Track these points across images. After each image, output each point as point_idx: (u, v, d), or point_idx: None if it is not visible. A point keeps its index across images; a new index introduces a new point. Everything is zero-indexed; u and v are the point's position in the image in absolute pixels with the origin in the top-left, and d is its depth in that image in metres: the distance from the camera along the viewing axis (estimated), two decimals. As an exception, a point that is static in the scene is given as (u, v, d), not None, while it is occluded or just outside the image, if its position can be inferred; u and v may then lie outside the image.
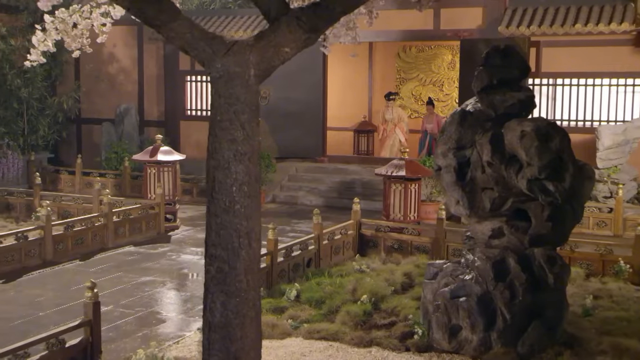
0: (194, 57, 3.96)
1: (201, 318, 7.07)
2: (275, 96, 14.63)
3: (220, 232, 3.91)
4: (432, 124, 15.10)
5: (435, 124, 15.02)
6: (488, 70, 6.23)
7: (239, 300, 3.91)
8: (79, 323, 5.72)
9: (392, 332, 6.54)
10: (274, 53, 3.88)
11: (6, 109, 14.57)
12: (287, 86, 14.43)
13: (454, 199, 6.21)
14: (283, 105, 14.56)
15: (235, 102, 3.84)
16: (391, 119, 15.47)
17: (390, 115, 15.47)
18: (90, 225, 9.75)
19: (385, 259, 9.04)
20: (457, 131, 6.11)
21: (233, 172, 3.86)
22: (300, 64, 15.02)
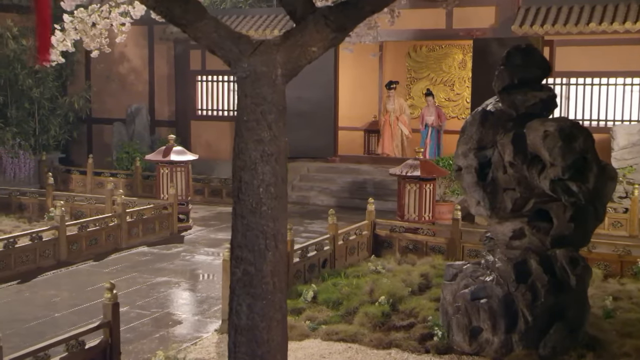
0: (220, 57, 3.92)
1: (218, 319, 7.12)
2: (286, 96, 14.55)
3: (247, 234, 3.86)
4: (432, 116, 14.75)
5: (436, 116, 14.74)
6: (509, 69, 6.17)
7: (266, 302, 3.87)
8: (98, 324, 5.68)
9: (411, 334, 6.50)
10: (300, 53, 3.83)
11: (17, 109, 14.58)
12: (298, 86, 14.22)
13: (475, 200, 6.16)
14: (294, 105, 14.42)
15: (262, 102, 3.80)
16: (393, 109, 15.03)
17: (392, 106, 15.03)
18: (104, 226, 9.73)
19: (401, 260, 8.98)
20: (478, 131, 6.06)
21: (260, 173, 3.81)
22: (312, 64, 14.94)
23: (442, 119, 14.91)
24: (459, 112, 16.68)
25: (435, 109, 14.91)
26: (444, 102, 16.58)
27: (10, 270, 8.44)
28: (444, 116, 15.07)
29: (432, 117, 14.69)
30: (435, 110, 14.87)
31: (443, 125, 14.92)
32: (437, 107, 15.03)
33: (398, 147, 15.08)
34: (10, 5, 14.92)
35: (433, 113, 14.74)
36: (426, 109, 14.97)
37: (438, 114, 14.78)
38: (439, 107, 15.17)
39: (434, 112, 14.78)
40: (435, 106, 14.99)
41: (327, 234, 8.90)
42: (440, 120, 14.86)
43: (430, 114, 14.75)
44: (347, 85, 16.14)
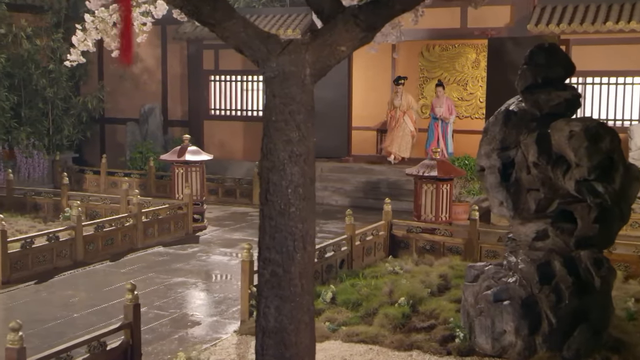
0: (249, 57, 3.88)
1: (236, 320, 7.09)
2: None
3: (275, 235, 3.82)
4: (442, 107, 14.40)
5: (446, 107, 14.40)
6: (532, 69, 6.11)
7: (294, 305, 3.83)
8: (119, 325, 5.66)
9: (432, 336, 6.45)
10: (329, 52, 3.79)
11: (31, 108, 14.60)
12: (311, 85, 14.33)
13: (498, 200, 6.10)
14: (308, 105, 14.46)
15: (291, 102, 3.76)
16: (400, 105, 14.57)
17: (399, 102, 14.58)
18: (119, 226, 9.71)
19: (418, 261, 8.93)
20: (502, 131, 6.00)
21: (288, 173, 3.77)
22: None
23: (451, 111, 14.60)
24: (472, 111, 16.59)
25: (445, 100, 14.59)
26: (457, 101, 16.48)
27: (27, 271, 8.43)
28: (453, 108, 14.75)
29: (442, 109, 14.37)
30: (445, 101, 14.55)
31: (452, 118, 14.61)
32: (447, 99, 14.70)
33: (403, 148, 14.52)
34: (24, 5, 14.95)
35: (443, 104, 14.42)
36: (436, 99, 14.66)
37: (448, 106, 14.46)
38: (449, 99, 14.83)
39: (444, 103, 14.47)
40: (445, 97, 14.68)
41: (343, 234, 8.87)
42: (450, 112, 14.55)
43: (439, 105, 14.44)
44: (359, 85, 16.08)
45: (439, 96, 14.56)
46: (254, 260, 7.03)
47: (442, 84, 14.82)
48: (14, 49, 14.23)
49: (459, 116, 16.30)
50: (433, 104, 14.69)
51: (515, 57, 13.28)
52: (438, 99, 14.59)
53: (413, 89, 16.41)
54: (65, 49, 14.80)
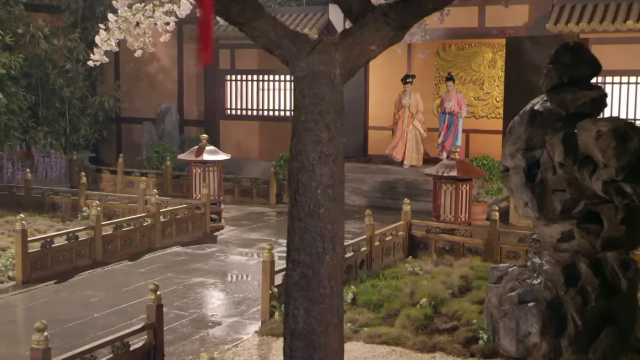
0: (278, 56, 3.84)
1: (257, 321, 7.06)
2: (316, 95, 14.50)
3: (304, 237, 3.78)
4: (452, 102, 13.99)
5: (455, 101, 14.00)
6: (557, 68, 6.04)
7: (323, 306, 3.79)
8: (142, 326, 5.65)
9: (455, 337, 6.40)
10: (359, 51, 3.75)
11: (48, 108, 14.65)
12: (328, 85, 14.30)
13: (522, 201, 6.03)
14: (324, 105, 14.43)
15: (320, 102, 3.72)
16: (408, 104, 14.00)
17: (408, 101, 14.02)
18: (138, 226, 9.71)
19: (437, 261, 8.88)
20: (527, 131, 5.93)
21: (318, 174, 3.73)
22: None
23: (461, 106, 14.19)
24: (488, 111, 16.49)
25: (455, 94, 14.19)
26: (473, 101, 16.39)
27: (47, 270, 8.44)
28: (464, 103, 14.33)
29: (451, 103, 13.98)
30: (455, 95, 14.15)
31: (462, 113, 14.23)
32: (456, 93, 14.29)
33: (414, 155, 13.94)
34: (42, 5, 15.00)
35: (452, 98, 14.04)
36: (445, 94, 14.27)
37: (458, 100, 14.05)
38: (459, 94, 14.42)
39: (454, 97, 14.08)
40: (455, 91, 14.28)
41: (361, 235, 8.83)
42: (460, 107, 14.15)
43: (449, 99, 14.06)
44: (375, 84, 16.03)
45: (449, 90, 14.22)
46: (274, 261, 7.04)
47: (452, 78, 14.51)
48: (31, 49, 14.27)
49: (475, 116, 16.21)
50: (442, 99, 14.39)
51: (533, 56, 13.21)
52: (447, 93, 14.25)
53: (429, 88, 16.33)
54: (82, 48, 14.89)
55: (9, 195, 12.16)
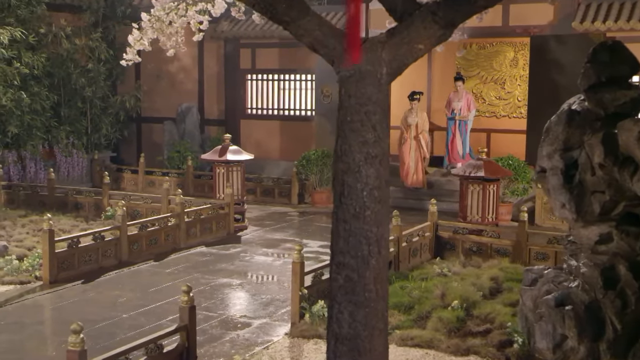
0: (323, 55, 3.78)
1: (286, 322, 7.00)
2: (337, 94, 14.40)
3: (349, 239, 3.71)
4: (461, 102, 13.34)
5: (465, 102, 13.37)
6: (595, 67, 5.92)
7: (368, 310, 3.72)
8: (175, 328, 5.61)
9: (489, 340, 6.32)
10: (407, 50, 3.67)
11: (70, 108, 14.67)
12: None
13: (560, 203, 5.92)
14: (346, 104, 14.35)
15: (367, 102, 3.65)
16: (414, 122, 13.16)
17: (414, 119, 13.18)
18: (163, 226, 9.68)
19: (465, 262, 8.80)
20: (565, 131, 5.82)
21: (364, 176, 3.66)
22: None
23: (470, 107, 13.54)
24: (509, 110, 16.34)
25: (465, 95, 13.58)
26: (494, 100, 16.26)
27: (74, 270, 8.43)
28: (473, 105, 13.68)
29: (460, 103, 13.35)
30: (465, 96, 13.52)
31: (471, 115, 13.58)
32: (466, 94, 13.67)
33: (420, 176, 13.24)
34: (63, 5, 15.02)
35: (462, 99, 13.41)
36: (454, 94, 13.54)
37: (467, 102, 13.42)
38: (469, 95, 13.83)
39: (463, 97, 13.45)
40: (464, 92, 13.67)
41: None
42: (469, 108, 13.51)
43: (458, 100, 13.41)
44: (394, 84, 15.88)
45: (458, 90, 13.57)
46: (304, 262, 6.98)
47: (462, 78, 13.94)
48: (53, 49, 14.30)
49: (496, 115, 16.08)
50: (450, 99, 13.64)
51: (558, 55, 13.08)
52: (456, 93, 13.58)
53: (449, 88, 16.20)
54: (104, 48, 14.90)
55: (32, 195, 12.18)
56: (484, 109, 15.84)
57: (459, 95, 13.57)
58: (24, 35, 13.00)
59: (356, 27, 2.97)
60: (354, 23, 2.97)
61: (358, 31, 3.00)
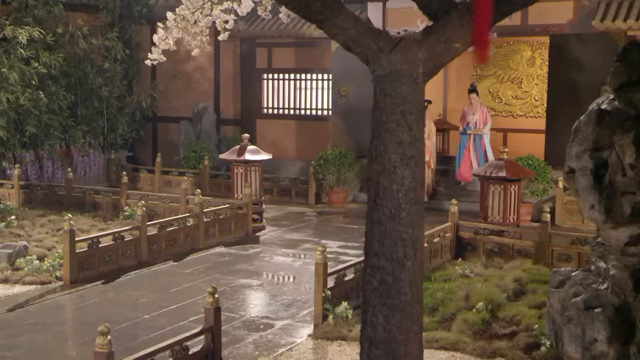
0: (358, 54, 3.72)
1: (309, 324, 6.95)
2: (354, 94, 14.37)
3: (384, 241, 3.65)
4: (475, 116, 12.63)
5: (480, 115, 12.67)
6: (625, 66, 5.78)
7: (404, 314, 3.66)
8: (201, 329, 5.57)
9: (515, 343, 6.24)
10: (443, 49, 3.61)
11: (87, 107, 14.67)
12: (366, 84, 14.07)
13: (589, 204, 5.81)
14: (362, 104, 14.19)
15: (403, 102, 3.58)
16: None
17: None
18: (182, 226, 9.65)
19: (487, 263, 8.71)
20: (595, 131, 5.71)
21: (399, 177, 3.60)
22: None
23: (486, 120, 12.79)
24: (526, 110, 16.24)
25: (480, 107, 12.84)
26: (511, 99, 16.17)
27: (94, 270, 8.41)
28: (488, 117, 12.92)
29: (476, 117, 12.64)
30: (480, 109, 12.79)
31: (487, 129, 12.81)
32: (481, 106, 12.94)
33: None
34: (79, 5, 15.02)
35: (477, 112, 12.70)
36: (468, 107, 12.80)
37: (483, 114, 12.70)
38: (484, 107, 13.10)
39: (478, 110, 12.73)
40: (479, 105, 12.94)
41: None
42: (485, 121, 12.76)
43: (473, 113, 12.69)
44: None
45: (472, 103, 12.80)
46: (327, 263, 6.92)
47: (476, 90, 13.16)
48: (69, 48, 14.30)
49: (513, 115, 15.98)
50: (465, 113, 12.87)
51: (579, 54, 12.95)
52: (471, 106, 12.79)
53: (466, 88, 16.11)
54: (120, 47, 14.90)
55: (50, 195, 12.18)
56: (501, 108, 15.74)
57: (473, 108, 12.82)
58: (42, 35, 13.01)
59: (486, 27, 2.86)
60: (483, 23, 2.87)
61: (487, 31, 2.89)
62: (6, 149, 12.87)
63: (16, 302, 7.52)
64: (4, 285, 8.03)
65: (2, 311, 7.24)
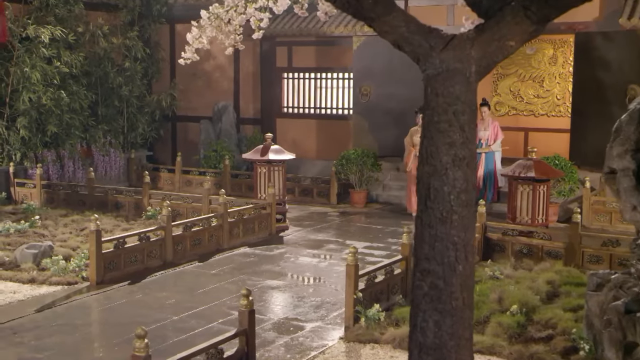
0: (408, 53, 3.62)
1: (339, 326, 6.85)
2: (375, 93, 14.28)
3: (435, 245, 3.56)
4: (487, 131, 11.95)
5: (492, 131, 11.97)
6: (668, 64, 5.69)
7: (455, 319, 3.56)
8: (235, 332, 5.48)
9: (552, 347, 6.12)
10: (497, 47, 3.50)
11: (107, 106, 14.66)
12: (387, 83, 14.08)
13: (631, 205, 5.71)
14: (384, 103, 14.19)
15: (455, 101, 3.48)
16: None
17: None
18: (206, 226, 9.58)
19: (516, 265, 8.59)
20: (637, 131, 5.61)
21: (451, 179, 3.50)
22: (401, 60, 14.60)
23: (497, 136, 12.07)
24: (548, 109, 16.06)
25: (491, 122, 12.17)
26: (532, 99, 15.99)
27: (119, 271, 8.36)
28: (500, 133, 12.18)
29: (487, 132, 11.98)
30: (492, 124, 12.09)
31: (497, 145, 12.09)
32: (492, 121, 12.26)
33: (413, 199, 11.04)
34: (100, 4, 15.01)
35: (488, 127, 12.01)
36: (480, 122, 11.73)
37: (495, 130, 12.03)
38: (496, 122, 12.42)
39: (490, 125, 12.04)
40: (491, 120, 12.27)
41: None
42: (496, 137, 12.05)
43: (484, 128, 11.93)
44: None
45: (484, 118, 12.04)
46: (358, 265, 6.82)
47: (488, 103, 12.42)
48: (90, 47, 14.29)
49: (534, 114, 15.82)
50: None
51: (604, 52, 12.79)
52: (482, 121, 11.93)
53: (486, 86, 15.93)
54: (140, 46, 14.86)
55: (72, 194, 12.15)
56: (522, 107, 15.58)
57: (484, 124, 12.05)
58: (64, 34, 12.99)
59: None
60: None
61: None
62: (28, 148, 12.86)
63: (43, 302, 7.47)
64: (30, 285, 7.98)
65: (31, 312, 7.19)
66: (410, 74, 14.20)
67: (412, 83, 14.15)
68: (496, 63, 3.61)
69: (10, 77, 12.50)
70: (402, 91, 14.03)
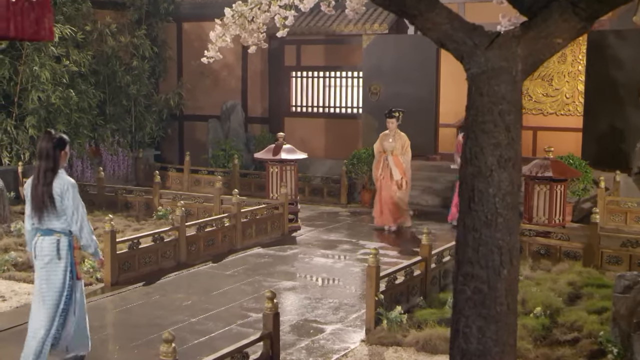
0: (451, 51, 3.52)
1: (359, 328, 6.75)
2: (385, 92, 14.18)
3: (479, 249, 3.46)
4: None
5: None
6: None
7: (500, 325, 3.46)
8: (260, 336, 5.39)
9: (579, 350, 6.02)
10: (544, 45, 3.40)
11: (115, 105, 14.55)
12: (398, 82, 13.99)
13: (661, 206, 5.61)
14: (394, 102, 14.05)
15: (501, 101, 3.39)
16: (392, 149, 10.61)
17: (392, 144, 10.61)
18: (220, 226, 9.48)
19: (534, 265, 8.51)
20: (668, 131, 5.51)
21: (496, 180, 3.40)
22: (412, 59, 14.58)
23: None
24: (557, 108, 15.98)
25: None
26: (541, 97, 15.91)
27: (134, 272, 8.26)
28: None
29: None
30: None
31: None
32: None
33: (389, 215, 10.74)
34: (107, 3, 14.90)
35: None
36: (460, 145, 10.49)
37: None
38: None
39: None
40: None
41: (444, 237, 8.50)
42: None
43: None
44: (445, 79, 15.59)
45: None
46: (380, 266, 6.73)
47: None
48: (98, 46, 14.18)
49: (543, 113, 15.74)
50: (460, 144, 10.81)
51: (617, 51, 12.67)
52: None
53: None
54: (148, 45, 14.76)
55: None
56: (531, 106, 15.48)
57: None
58: (73, 33, 12.88)
59: None
60: None
61: None
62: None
63: (58, 304, 7.35)
64: (44, 286, 7.86)
65: (46, 314, 7.08)
66: (419, 74, 14.19)
67: (421, 83, 14.10)
68: (542, 61, 3.52)
69: (19, 76, 12.39)
70: (411, 90, 13.94)
